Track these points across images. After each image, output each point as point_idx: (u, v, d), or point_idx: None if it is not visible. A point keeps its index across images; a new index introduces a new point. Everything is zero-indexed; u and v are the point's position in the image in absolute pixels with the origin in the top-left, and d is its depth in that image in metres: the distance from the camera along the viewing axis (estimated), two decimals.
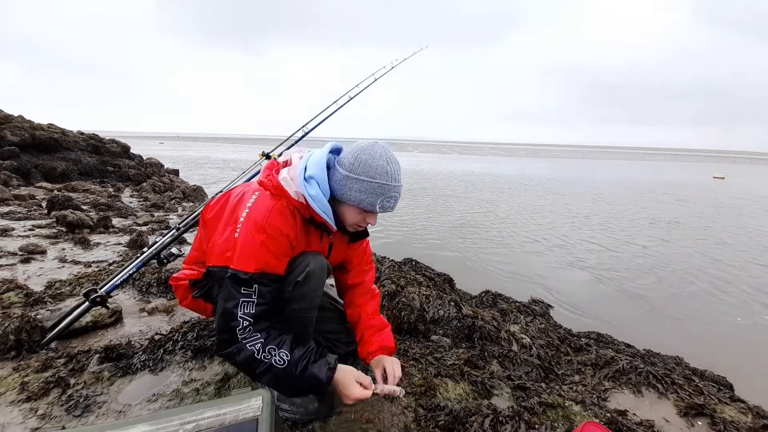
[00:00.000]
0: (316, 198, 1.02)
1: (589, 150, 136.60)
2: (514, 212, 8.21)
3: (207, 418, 0.76)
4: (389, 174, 1.02)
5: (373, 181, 1.01)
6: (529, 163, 33.00)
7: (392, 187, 1.03)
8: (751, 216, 8.62)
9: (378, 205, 1.03)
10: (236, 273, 0.97)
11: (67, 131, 7.76)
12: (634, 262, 4.84)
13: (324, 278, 1.17)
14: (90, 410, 1.18)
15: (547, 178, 17.50)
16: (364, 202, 1.03)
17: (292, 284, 1.07)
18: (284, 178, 1.04)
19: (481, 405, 1.28)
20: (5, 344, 1.42)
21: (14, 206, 4.20)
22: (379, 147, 1.04)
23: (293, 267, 1.09)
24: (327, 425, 1.16)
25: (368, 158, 1.02)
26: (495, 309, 2.47)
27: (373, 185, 1.01)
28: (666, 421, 1.35)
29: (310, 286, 1.10)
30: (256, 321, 0.98)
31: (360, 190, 1.02)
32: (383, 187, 1.01)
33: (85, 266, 2.54)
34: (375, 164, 1.01)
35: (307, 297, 1.11)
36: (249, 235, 0.99)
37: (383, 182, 1.01)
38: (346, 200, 1.05)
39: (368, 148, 1.04)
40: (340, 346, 1.40)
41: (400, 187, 1.07)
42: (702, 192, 13.44)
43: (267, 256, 0.99)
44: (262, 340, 0.96)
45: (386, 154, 1.04)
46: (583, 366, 1.72)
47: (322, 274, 1.13)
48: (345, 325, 1.39)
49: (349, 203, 1.05)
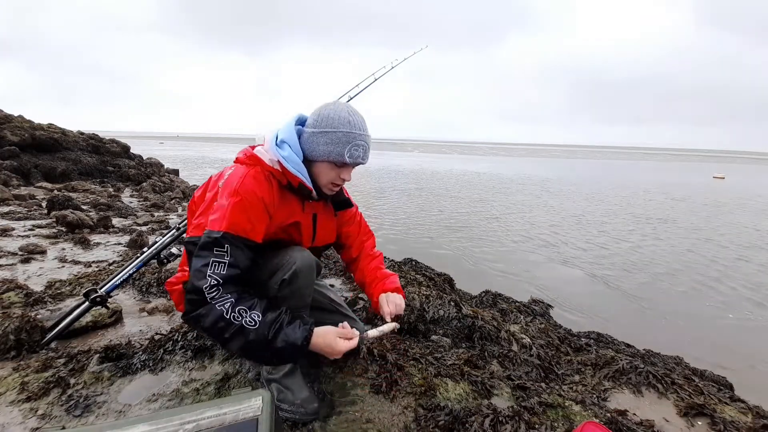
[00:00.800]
0: (289, 158, 1.05)
1: (589, 150, 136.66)
2: (511, 212, 8.21)
3: (207, 418, 0.76)
4: (352, 123, 1.06)
5: (338, 130, 1.05)
6: (529, 163, 33.01)
7: (357, 135, 1.06)
8: (750, 215, 8.62)
9: (347, 154, 1.06)
10: (209, 233, 0.96)
11: (67, 131, 7.76)
12: (630, 261, 4.84)
13: (313, 275, 1.17)
14: (90, 410, 1.18)
15: (546, 178, 17.51)
16: (332, 154, 1.06)
17: (278, 283, 1.07)
18: (258, 150, 1.09)
19: (481, 405, 1.28)
20: (5, 344, 1.42)
21: (14, 206, 4.20)
22: (339, 103, 1.10)
23: (278, 265, 1.09)
24: (327, 425, 1.16)
25: (330, 112, 1.08)
26: (495, 309, 2.47)
27: (338, 134, 1.05)
28: (666, 421, 1.35)
29: (298, 285, 1.10)
30: (226, 282, 0.94)
31: (326, 143, 1.06)
32: (348, 135, 1.05)
33: (85, 266, 2.54)
34: (337, 116, 1.06)
35: (296, 295, 1.11)
36: (222, 199, 1.01)
37: (347, 130, 1.05)
38: (316, 157, 1.08)
39: (329, 105, 1.10)
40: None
41: (367, 137, 1.10)
42: (701, 192, 13.44)
43: (240, 217, 0.98)
44: (232, 300, 0.92)
45: (347, 107, 1.09)
46: (583, 366, 1.72)
47: (310, 272, 1.13)
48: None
49: (320, 159, 1.08)
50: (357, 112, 1.10)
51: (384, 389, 1.32)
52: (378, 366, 1.46)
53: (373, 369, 1.44)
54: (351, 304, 2.15)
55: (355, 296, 2.23)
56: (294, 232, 1.18)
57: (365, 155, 1.10)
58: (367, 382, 1.36)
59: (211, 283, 0.92)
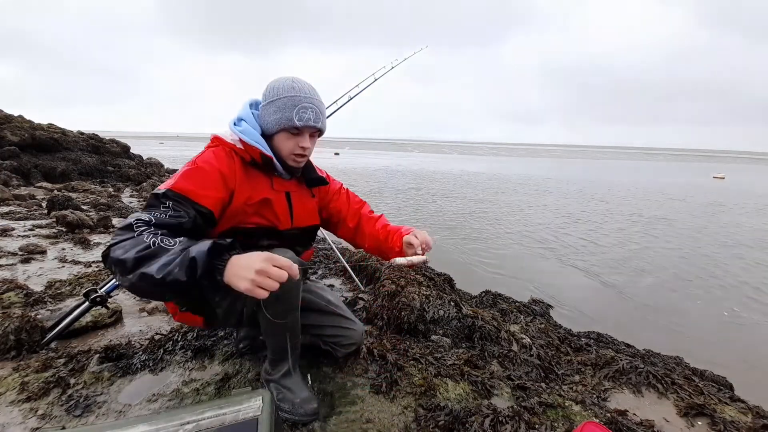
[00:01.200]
0: (246, 131, 1.08)
1: (589, 150, 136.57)
2: (510, 212, 8.21)
3: (207, 418, 0.76)
4: (295, 88, 1.09)
5: (282, 96, 1.08)
6: (529, 163, 33.01)
7: (302, 97, 1.08)
8: (750, 215, 8.62)
9: (296, 117, 1.07)
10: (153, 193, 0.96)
11: (67, 131, 7.76)
12: (630, 261, 4.84)
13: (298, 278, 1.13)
14: (90, 410, 1.18)
15: (545, 177, 17.50)
16: (282, 120, 1.07)
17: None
18: (220, 132, 1.13)
19: (481, 405, 1.28)
20: (5, 344, 1.42)
21: (14, 206, 4.20)
22: (284, 75, 1.13)
23: None
24: (327, 425, 1.16)
25: (274, 83, 1.11)
26: (495, 309, 2.47)
27: (283, 100, 1.07)
28: (666, 421, 1.35)
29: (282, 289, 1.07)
30: (158, 225, 0.88)
31: (275, 111, 1.08)
32: (293, 98, 1.07)
33: (85, 266, 2.53)
34: (281, 85, 1.10)
35: (280, 299, 1.06)
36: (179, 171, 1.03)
37: (291, 95, 1.07)
38: (271, 129, 1.10)
39: (276, 79, 1.13)
40: (339, 349, 1.39)
41: (313, 99, 1.10)
42: (701, 192, 13.44)
43: (188, 181, 0.99)
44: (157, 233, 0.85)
45: (292, 77, 1.12)
46: (583, 366, 1.72)
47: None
48: (343, 327, 1.38)
49: (274, 130, 1.10)
50: (303, 80, 1.12)
51: (384, 389, 1.32)
52: (378, 366, 1.46)
53: (373, 369, 1.44)
54: (351, 304, 2.15)
55: (355, 296, 2.23)
56: (268, 213, 1.14)
57: (316, 118, 1.10)
58: (367, 382, 1.36)
59: (144, 219, 0.88)
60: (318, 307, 1.38)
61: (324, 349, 1.42)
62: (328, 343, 1.39)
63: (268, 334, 1.18)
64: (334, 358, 1.44)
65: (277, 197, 1.16)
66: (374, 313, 1.94)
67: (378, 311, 1.93)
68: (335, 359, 1.44)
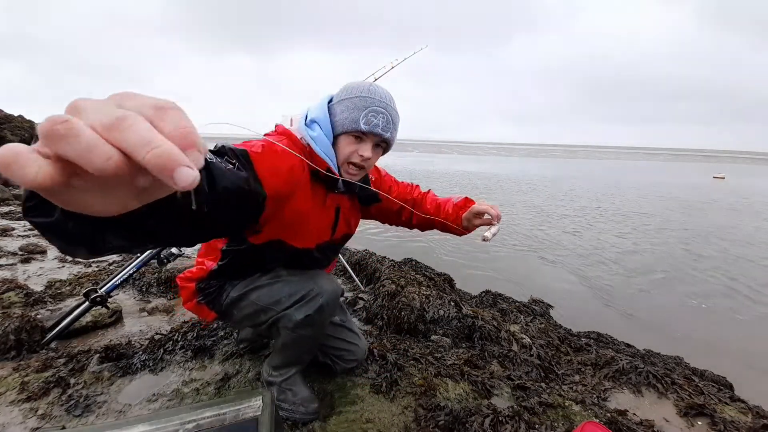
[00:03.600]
0: (318, 139, 0.95)
1: (590, 150, 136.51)
2: (512, 212, 8.21)
3: (207, 418, 0.76)
4: (372, 91, 0.96)
5: (354, 96, 0.95)
6: (529, 163, 33.00)
7: (376, 100, 0.95)
8: (751, 215, 8.62)
9: (362, 120, 0.93)
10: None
11: None
12: (631, 261, 4.84)
13: (337, 305, 1.13)
14: (90, 410, 1.18)
15: (544, 177, 17.50)
16: (347, 120, 0.94)
17: (302, 316, 1.04)
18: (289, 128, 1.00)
19: (481, 405, 1.28)
20: (5, 344, 1.42)
21: (14, 206, 4.20)
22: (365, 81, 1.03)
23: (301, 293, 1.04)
24: (327, 425, 1.16)
25: (352, 83, 1.00)
26: (495, 309, 2.47)
27: (355, 100, 0.95)
28: (666, 421, 1.35)
29: (322, 317, 1.07)
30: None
31: (343, 110, 0.96)
32: (365, 99, 0.94)
33: (85, 266, 2.53)
34: (358, 85, 0.98)
35: (316, 325, 1.08)
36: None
37: (365, 95, 0.95)
38: (336, 128, 0.96)
39: (357, 81, 1.02)
40: (339, 363, 1.37)
41: (388, 106, 0.97)
42: (701, 192, 13.44)
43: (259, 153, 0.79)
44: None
45: (372, 82, 1.02)
46: (583, 366, 1.72)
47: (335, 302, 1.10)
48: (348, 341, 1.36)
49: (337, 133, 0.97)
50: (383, 88, 1.00)
51: (384, 389, 1.32)
52: (378, 366, 1.46)
53: (373, 369, 1.44)
54: (351, 304, 2.15)
55: (355, 296, 2.23)
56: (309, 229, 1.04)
57: (386, 126, 0.96)
58: (367, 382, 1.37)
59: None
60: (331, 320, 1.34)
61: (322, 362, 1.37)
62: (328, 354, 1.36)
63: (290, 346, 1.15)
64: (332, 372, 1.39)
65: (328, 214, 1.07)
66: (374, 313, 1.94)
67: (378, 311, 1.93)
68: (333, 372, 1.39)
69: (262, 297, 1.08)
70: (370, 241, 5.18)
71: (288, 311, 1.05)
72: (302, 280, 1.07)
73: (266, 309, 1.07)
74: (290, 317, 1.05)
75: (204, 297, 1.14)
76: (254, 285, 1.09)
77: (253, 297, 1.08)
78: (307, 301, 1.04)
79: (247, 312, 1.11)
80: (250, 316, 1.11)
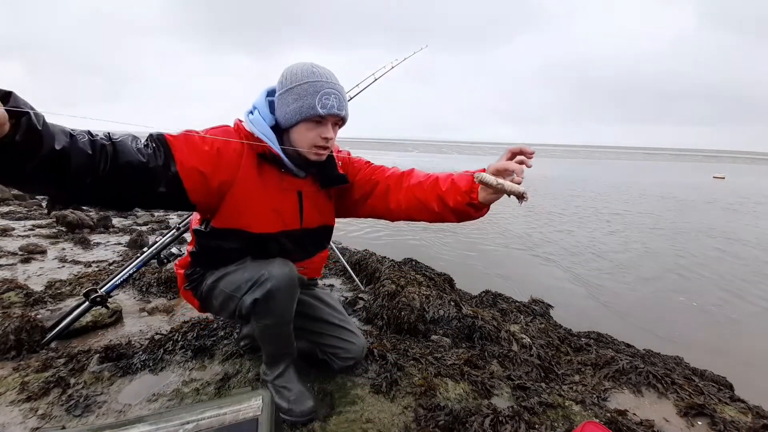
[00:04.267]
0: (255, 120, 0.99)
1: (590, 150, 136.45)
2: (511, 212, 8.21)
3: (207, 418, 0.76)
4: (316, 73, 0.98)
5: (302, 83, 0.96)
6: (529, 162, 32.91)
7: (324, 83, 0.97)
8: (751, 215, 8.62)
9: (318, 104, 0.95)
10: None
11: None
12: (631, 261, 4.84)
13: (294, 292, 1.08)
14: (90, 410, 1.18)
15: (543, 177, 17.50)
16: (303, 108, 0.96)
17: (250, 301, 1.02)
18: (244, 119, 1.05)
19: (481, 405, 1.28)
20: (5, 344, 1.42)
21: (14, 206, 4.21)
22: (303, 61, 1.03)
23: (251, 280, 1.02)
24: (327, 425, 1.16)
25: (292, 68, 1.00)
26: (495, 309, 2.47)
27: (303, 87, 0.96)
28: (666, 421, 1.35)
29: (275, 303, 1.04)
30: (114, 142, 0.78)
31: (294, 99, 0.97)
32: (315, 84, 0.96)
33: (85, 266, 2.54)
34: (299, 70, 0.98)
35: (273, 313, 1.06)
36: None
37: (312, 80, 0.96)
38: (290, 119, 0.98)
39: (292, 65, 1.02)
40: (336, 361, 1.35)
41: (336, 84, 0.99)
42: (702, 191, 13.44)
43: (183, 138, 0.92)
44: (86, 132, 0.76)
45: (311, 62, 1.02)
46: (583, 366, 1.72)
47: (289, 289, 1.05)
48: (344, 339, 1.35)
49: (294, 121, 0.98)
50: (322, 65, 1.01)
51: (384, 389, 1.32)
52: (378, 366, 1.46)
53: (373, 369, 1.44)
54: (351, 304, 2.15)
55: (355, 296, 2.23)
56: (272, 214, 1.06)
57: (340, 105, 0.98)
58: (367, 382, 1.37)
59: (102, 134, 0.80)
60: (320, 314, 1.34)
61: (321, 359, 1.38)
62: (326, 353, 1.35)
63: (261, 339, 1.18)
64: (331, 369, 1.39)
65: (290, 200, 1.07)
66: (374, 313, 1.94)
67: (378, 311, 1.93)
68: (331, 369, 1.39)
69: (227, 284, 1.09)
70: (370, 241, 5.19)
71: (244, 297, 1.05)
72: (258, 265, 1.05)
73: (231, 296, 1.08)
74: (243, 303, 1.05)
75: (189, 284, 1.19)
76: (224, 272, 1.10)
77: (222, 285, 1.10)
78: (258, 286, 1.02)
79: (220, 300, 1.12)
80: (222, 305, 1.13)
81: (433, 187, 1.05)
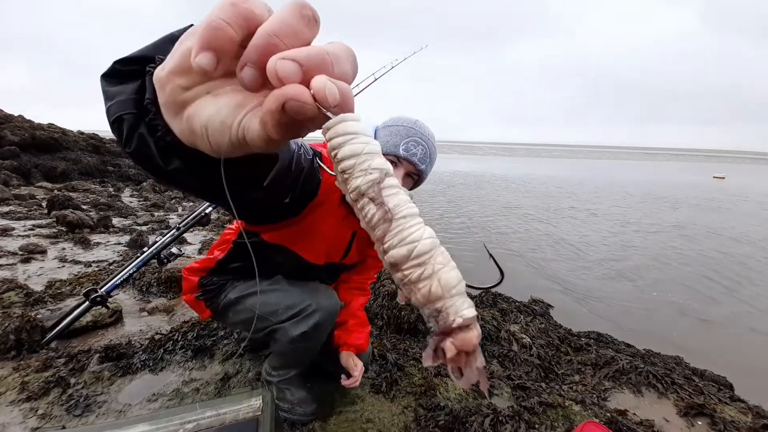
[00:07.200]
0: None
1: (590, 150, 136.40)
2: (510, 212, 8.21)
3: (207, 418, 0.76)
4: (417, 124, 1.02)
5: (401, 125, 1.01)
6: (529, 162, 33.00)
7: (418, 132, 1.00)
8: (750, 215, 8.62)
9: (402, 145, 0.97)
10: None
11: (67, 131, 7.77)
12: (631, 261, 4.84)
13: (334, 320, 1.11)
14: (90, 410, 1.18)
15: (543, 176, 17.50)
16: (387, 145, 0.97)
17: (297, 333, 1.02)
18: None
19: (481, 405, 1.28)
20: (5, 344, 1.42)
21: (14, 206, 4.20)
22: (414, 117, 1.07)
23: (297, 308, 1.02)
24: (327, 425, 1.16)
25: (401, 115, 1.05)
26: (495, 309, 2.47)
27: (400, 128, 1.00)
28: (666, 421, 1.35)
29: (319, 334, 1.05)
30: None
31: (386, 135, 1.00)
32: (409, 130, 0.99)
33: (85, 266, 2.53)
34: (406, 117, 1.04)
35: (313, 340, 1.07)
36: None
37: (409, 126, 1.00)
38: None
39: (404, 114, 1.07)
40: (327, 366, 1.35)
41: (429, 141, 1.01)
42: (702, 191, 13.44)
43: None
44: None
45: (417, 119, 1.05)
46: (583, 366, 1.72)
47: (332, 318, 1.09)
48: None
49: None
50: (426, 125, 1.04)
51: (384, 389, 1.33)
52: (378, 366, 1.46)
53: (373, 369, 1.44)
54: None
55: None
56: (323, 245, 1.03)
57: (423, 157, 0.98)
58: (367, 382, 1.36)
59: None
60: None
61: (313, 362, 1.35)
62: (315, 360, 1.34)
63: (284, 355, 1.15)
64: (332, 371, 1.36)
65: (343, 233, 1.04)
66: (374, 313, 1.94)
67: (378, 311, 1.93)
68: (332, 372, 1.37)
69: (258, 305, 1.06)
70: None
71: (284, 325, 1.02)
72: (301, 292, 1.04)
73: (262, 318, 1.05)
74: (286, 332, 1.02)
75: (203, 293, 1.14)
76: (252, 290, 1.08)
77: (250, 303, 1.07)
78: (304, 317, 1.01)
79: (242, 317, 1.09)
80: (245, 322, 1.10)
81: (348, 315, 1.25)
